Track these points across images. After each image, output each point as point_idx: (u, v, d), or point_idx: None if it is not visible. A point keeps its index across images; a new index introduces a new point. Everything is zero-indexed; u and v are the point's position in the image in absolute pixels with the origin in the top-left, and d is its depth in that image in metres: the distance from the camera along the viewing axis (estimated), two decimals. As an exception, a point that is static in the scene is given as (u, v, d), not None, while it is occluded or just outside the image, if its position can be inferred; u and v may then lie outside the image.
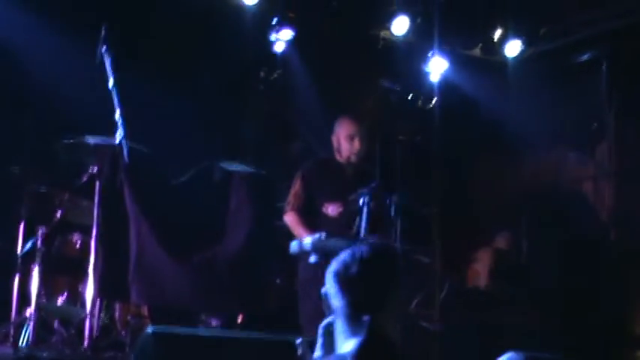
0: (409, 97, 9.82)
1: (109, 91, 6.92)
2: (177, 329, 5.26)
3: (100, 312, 6.95)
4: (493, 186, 10.34)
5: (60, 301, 7.36)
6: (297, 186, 6.91)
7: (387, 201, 6.45)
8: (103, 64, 7.00)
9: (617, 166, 9.69)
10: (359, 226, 6.45)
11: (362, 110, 9.36)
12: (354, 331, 3.26)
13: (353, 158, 6.88)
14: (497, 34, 10.02)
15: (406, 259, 6.07)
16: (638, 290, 9.40)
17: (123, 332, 7.17)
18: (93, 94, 7.31)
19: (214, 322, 7.33)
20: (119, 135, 6.87)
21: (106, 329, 7.20)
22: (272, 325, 7.20)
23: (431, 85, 9.77)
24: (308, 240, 6.36)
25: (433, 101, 9.81)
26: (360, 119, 7.00)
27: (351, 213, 6.71)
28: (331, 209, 6.80)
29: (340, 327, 3.32)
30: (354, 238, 6.47)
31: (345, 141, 6.90)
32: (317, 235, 6.37)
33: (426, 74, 9.71)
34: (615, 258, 9.47)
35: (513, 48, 10.04)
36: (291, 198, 6.90)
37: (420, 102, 9.92)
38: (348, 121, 6.97)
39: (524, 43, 9.99)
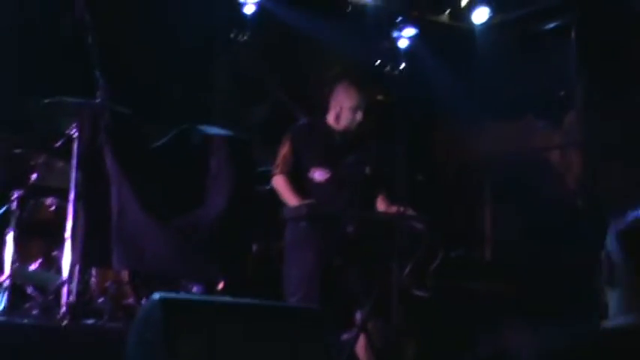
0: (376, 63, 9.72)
1: (88, 49, 6.69)
2: (185, 295, 5.08)
3: (79, 278, 6.71)
4: (458, 152, 10.31)
5: (34, 266, 7.11)
6: (285, 148, 6.71)
7: (386, 166, 6.36)
8: (82, 19, 6.74)
9: (586, 134, 9.68)
10: (354, 193, 6.34)
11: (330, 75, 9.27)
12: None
13: (352, 128, 6.72)
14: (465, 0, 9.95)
15: (401, 227, 5.97)
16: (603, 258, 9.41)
17: (101, 299, 6.96)
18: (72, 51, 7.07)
19: (195, 289, 7.16)
20: (100, 95, 6.65)
21: (81, 296, 6.96)
22: (254, 292, 7.08)
23: (399, 50, 9.66)
24: (301, 205, 6.24)
25: (401, 67, 9.71)
26: (365, 89, 6.79)
27: (340, 179, 6.58)
28: (318, 174, 6.62)
29: (620, 298, 2.71)
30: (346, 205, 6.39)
31: (348, 111, 6.67)
32: (309, 201, 6.27)
33: (395, 39, 9.59)
34: (581, 226, 9.47)
35: (481, 15, 9.96)
36: (279, 161, 6.70)
37: (387, 68, 9.80)
38: (355, 92, 6.70)
39: (492, 9, 9.92)
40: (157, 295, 4.79)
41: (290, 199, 6.53)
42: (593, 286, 8.64)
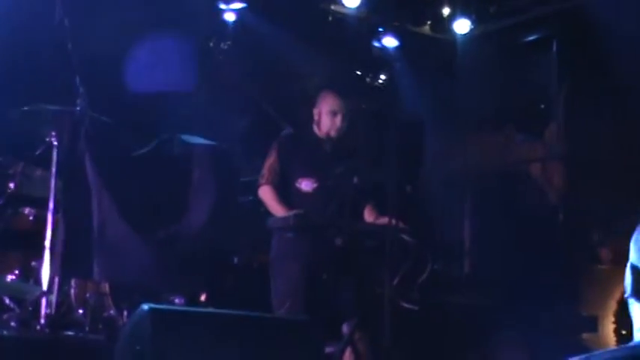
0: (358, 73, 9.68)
1: (68, 56, 6.57)
2: (174, 307, 4.98)
3: (58, 289, 6.55)
4: (439, 164, 10.24)
5: (11, 277, 6.93)
6: (272, 158, 6.61)
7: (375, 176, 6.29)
8: (61, 26, 6.63)
9: (567, 147, 9.63)
10: (342, 204, 6.23)
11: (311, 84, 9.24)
12: None
13: (332, 134, 6.63)
14: (446, 11, 9.87)
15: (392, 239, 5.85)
16: (584, 271, 9.38)
17: (80, 310, 6.81)
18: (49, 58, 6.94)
19: (177, 300, 7.02)
20: (80, 102, 6.52)
21: (60, 307, 6.80)
22: (236, 303, 6.96)
23: (379, 60, 9.61)
24: (289, 215, 6.11)
25: (382, 78, 9.67)
26: (343, 95, 6.72)
27: (327, 189, 6.48)
28: (305, 184, 6.53)
29: None
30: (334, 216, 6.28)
31: (326, 116, 6.64)
32: (296, 212, 6.13)
33: (376, 50, 9.53)
34: (562, 240, 9.44)
35: (462, 26, 9.90)
36: (265, 171, 6.60)
37: (368, 78, 9.75)
38: (332, 97, 6.68)
39: (473, 21, 9.86)
40: (145, 307, 4.70)
41: (277, 209, 6.43)
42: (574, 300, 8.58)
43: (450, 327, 8.19)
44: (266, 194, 6.54)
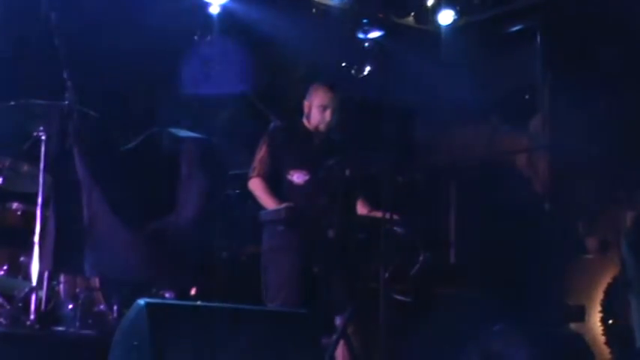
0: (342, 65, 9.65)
1: (54, 50, 6.53)
2: (171, 301, 4.95)
3: (48, 284, 6.51)
4: (424, 156, 10.24)
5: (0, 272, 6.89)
6: (262, 151, 6.55)
7: (371, 168, 6.25)
8: (47, 20, 6.60)
9: (552, 138, 9.65)
10: (335, 194, 6.18)
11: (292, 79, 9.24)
12: None
13: (322, 127, 6.58)
14: (430, 1, 9.89)
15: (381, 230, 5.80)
16: (570, 261, 9.40)
17: (70, 306, 6.77)
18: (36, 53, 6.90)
19: (167, 295, 6.99)
20: (68, 97, 6.48)
21: (49, 303, 6.75)
22: (226, 296, 6.96)
23: (364, 53, 9.59)
24: (280, 208, 6.07)
25: (366, 70, 9.64)
26: (334, 89, 6.67)
27: (319, 181, 6.44)
28: (296, 177, 6.48)
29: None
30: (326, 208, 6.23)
31: (316, 110, 6.58)
32: (288, 204, 6.08)
33: (360, 42, 9.52)
34: (548, 230, 9.45)
35: (446, 17, 9.92)
36: (256, 163, 6.54)
37: (352, 71, 9.72)
38: (323, 90, 6.62)
39: (457, 11, 9.87)
40: (142, 302, 4.67)
41: (268, 202, 6.37)
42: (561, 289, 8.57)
43: (439, 318, 8.18)
44: (257, 187, 6.48)
